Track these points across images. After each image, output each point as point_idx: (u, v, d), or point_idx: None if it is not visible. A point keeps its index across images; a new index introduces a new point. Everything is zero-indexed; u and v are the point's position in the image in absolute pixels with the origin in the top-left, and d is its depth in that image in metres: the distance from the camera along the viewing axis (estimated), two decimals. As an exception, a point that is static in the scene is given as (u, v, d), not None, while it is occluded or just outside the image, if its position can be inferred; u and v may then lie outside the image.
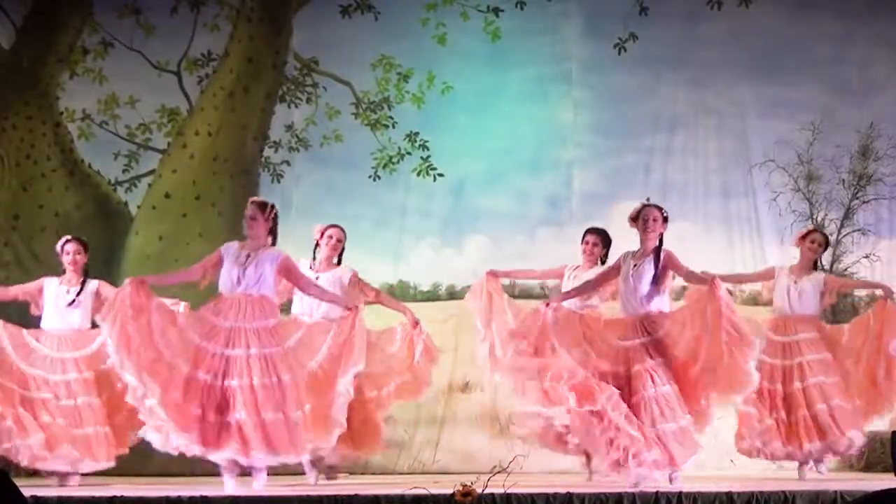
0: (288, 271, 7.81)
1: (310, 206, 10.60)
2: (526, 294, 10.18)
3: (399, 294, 10.31)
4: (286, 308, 8.47)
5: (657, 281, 7.67)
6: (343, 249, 8.66)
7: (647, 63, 10.59)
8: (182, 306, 7.96)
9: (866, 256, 10.43)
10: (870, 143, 10.51)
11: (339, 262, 8.66)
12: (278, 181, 10.77)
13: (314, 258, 8.61)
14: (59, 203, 10.76)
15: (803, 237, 8.94)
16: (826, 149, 10.50)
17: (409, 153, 10.71)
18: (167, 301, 7.83)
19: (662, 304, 7.73)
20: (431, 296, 10.35)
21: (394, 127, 10.76)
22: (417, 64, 10.74)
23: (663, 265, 7.68)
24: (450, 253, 10.66)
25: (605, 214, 10.35)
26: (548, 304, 7.75)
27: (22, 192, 10.77)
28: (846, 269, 10.38)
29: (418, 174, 10.69)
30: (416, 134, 10.72)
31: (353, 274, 8.62)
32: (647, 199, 7.90)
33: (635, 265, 7.72)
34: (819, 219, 10.47)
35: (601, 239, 8.73)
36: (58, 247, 8.83)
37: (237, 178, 10.76)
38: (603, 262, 8.67)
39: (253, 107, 10.81)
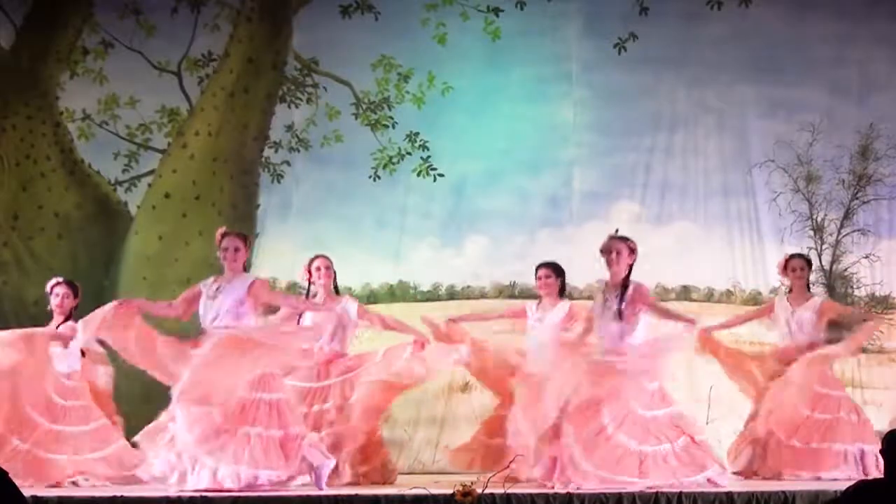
0: (259, 293, 7.55)
1: (310, 207, 10.61)
2: (526, 294, 10.18)
3: (399, 294, 10.32)
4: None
5: (622, 315, 7.50)
6: (336, 276, 8.49)
7: (647, 63, 10.58)
8: None
9: (866, 256, 10.42)
10: (870, 144, 10.50)
11: (337, 292, 8.50)
12: (278, 181, 10.77)
13: (308, 295, 8.40)
14: (59, 203, 10.75)
15: (784, 268, 8.89)
16: (826, 149, 10.49)
17: (409, 153, 10.71)
18: None
19: (633, 337, 7.53)
20: (431, 296, 10.35)
21: (394, 127, 10.75)
22: (417, 64, 10.74)
23: (630, 300, 7.54)
24: (450, 253, 10.66)
25: (605, 214, 10.36)
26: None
27: (21, 192, 10.77)
28: (846, 270, 10.37)
29: (418, 174, 10.69)
30: (416, 134, 10.71)
31: (359, 306, 8.52)
32: (616, 231, 7.80)
33: (605, 300, 7.61)
34: (819, 219, 10.46)
35: (553, 271, 8.64)
36: (48, 287, 8.61)
37: (237, 178, 10.76)
38: (562, 293, 8.63)
39: (253, 107, 10.81)
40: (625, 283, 7.55)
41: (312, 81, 10.84)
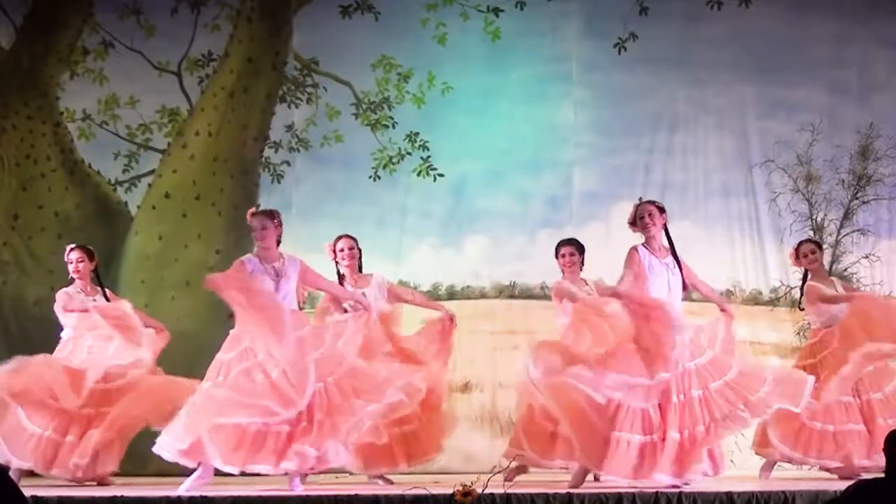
0: (306, 275, 7.82)
1: (310, 207, 10.61)
2: (526, 294, 10.19)
3: (399, 294, 10.31)
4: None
5: (685, 285, 7.67)
6: (361, 254, 8.67)
7: (647, 63, 10.59)
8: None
9: (866, 257, 10.43)
10: (869, 144, 10.51)
11: (361, 270, 8.66)
12: (278, 181, 10.77)
13: (339, 276, 8.56)
14: (59, 203, 10.76)
15: (797, 257, 8.88)
16: (826, 149, 10.50)
17: (409, 153, 10.71)
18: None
19: None
20: (431, 296, 10.32)
21: (394, 127, 10.75)
22: (417, 64, 10.74)
23: (684, 266, 7.68)
24: (450, 253, 10.66)
25: (605, 214, 10.37)
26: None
27: (22, 192, 10.77)
28: (846, 270, 10.38)
29: (418, 174, 10.69)
30: (416, 134, 10.72)
31: (387, 282, 8.72)
32: (640, 199, 7.86)
33: (665, 262, 7.66)
34: (819, 219, 10.47)
35: (576, 248, 8.65)
36: (65, 257, 8.89)
37: (237, 178, 10.76)
38: (581, 270, 8.63)
39: (253, 107, 10.81)
40: (674, 251, 7.65)
41: (312, 81, 10.84)
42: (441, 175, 10.67)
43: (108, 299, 8.80)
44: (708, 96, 10.65)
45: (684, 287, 7.65)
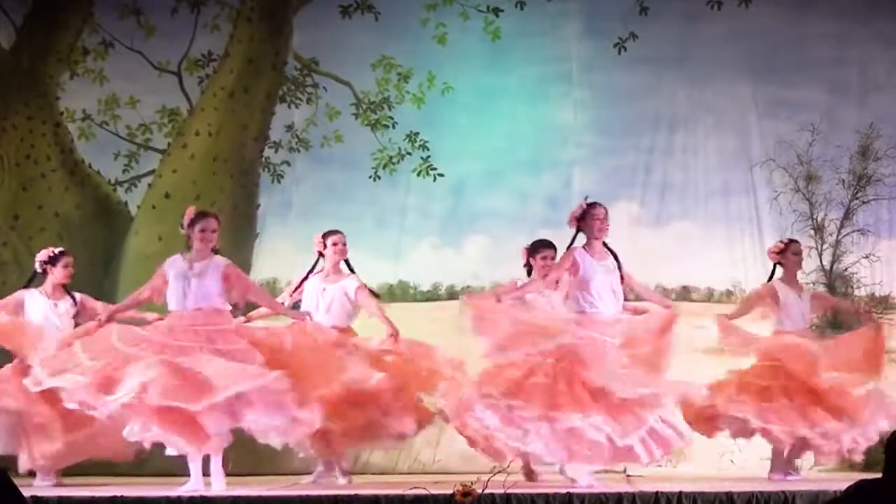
0: (228, 278, 7.71)
1: (310, 207, 10.62)
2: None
3: (399, 294, 10.32)
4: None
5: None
6: (346, 252, 8.67)
7: (647, 63, 10.59)
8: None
9: (866, 257, 10.42)
10: (870, 144, 10.50)
11: (341, 269, 8.64)
12: (278, 182, 10.78)
13: (315, 269, 8.56)
14: (59, 203, 10.76)
15: (783, 251, 8.84)
16: (826, 149, 10.49)
17: (409, 153, 10.72)
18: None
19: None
20: (431, 296, 10.35)
21: (394, 127, 10.76)
22: (417, 64, 10.74)
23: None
24: (450, 253, 10.66)
25: (604, 214, 10.34)
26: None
27: (22, 192, 10.77)
28: (846, 270, 10.38)
29: (418, 174, 10.70)
30: (416, 134, 10.72)
31: (360, 285, 8.56)
32: (586, 198, 7.93)
33: (601, 263, 7.71)
34: (819, 219, 10.46)
35: (555, 251, 8.58)
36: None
37: (237, 178, 10.76)
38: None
39: (253, 107, 10.81)
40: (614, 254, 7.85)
41: (312, 81, 10.85)
42: (441, 175, 10.67)
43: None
44: (708, 96, 10.65)
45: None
